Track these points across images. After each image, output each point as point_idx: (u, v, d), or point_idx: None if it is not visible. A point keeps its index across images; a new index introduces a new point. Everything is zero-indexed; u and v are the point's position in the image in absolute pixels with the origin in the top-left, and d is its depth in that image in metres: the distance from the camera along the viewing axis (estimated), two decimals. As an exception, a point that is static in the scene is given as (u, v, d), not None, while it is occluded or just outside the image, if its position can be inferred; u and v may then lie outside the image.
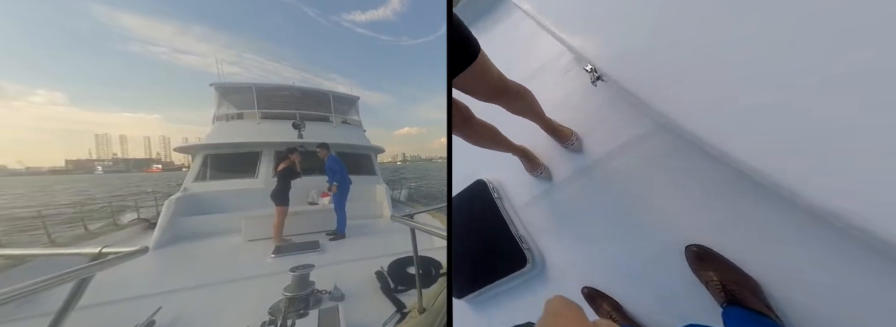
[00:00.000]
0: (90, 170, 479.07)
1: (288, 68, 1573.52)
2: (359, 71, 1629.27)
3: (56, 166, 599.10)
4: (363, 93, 47.70)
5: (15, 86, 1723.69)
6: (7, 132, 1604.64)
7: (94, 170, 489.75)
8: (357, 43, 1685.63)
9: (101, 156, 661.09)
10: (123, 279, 2.54)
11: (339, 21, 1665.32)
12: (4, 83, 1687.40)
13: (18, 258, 2.62)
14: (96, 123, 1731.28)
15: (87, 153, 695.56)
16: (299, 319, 1.89)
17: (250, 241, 3.84)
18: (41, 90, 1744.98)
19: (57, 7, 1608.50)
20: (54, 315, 0.90)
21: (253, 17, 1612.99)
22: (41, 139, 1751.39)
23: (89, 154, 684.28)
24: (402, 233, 1.89)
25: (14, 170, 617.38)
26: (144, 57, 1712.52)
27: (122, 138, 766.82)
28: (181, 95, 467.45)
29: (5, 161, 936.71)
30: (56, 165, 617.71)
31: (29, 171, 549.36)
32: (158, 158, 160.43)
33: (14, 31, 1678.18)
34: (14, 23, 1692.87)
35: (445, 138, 1.18)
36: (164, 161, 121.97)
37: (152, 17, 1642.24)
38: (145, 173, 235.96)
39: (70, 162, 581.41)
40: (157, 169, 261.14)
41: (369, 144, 7.06)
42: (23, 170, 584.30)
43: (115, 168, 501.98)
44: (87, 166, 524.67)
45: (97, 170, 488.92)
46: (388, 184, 6.57)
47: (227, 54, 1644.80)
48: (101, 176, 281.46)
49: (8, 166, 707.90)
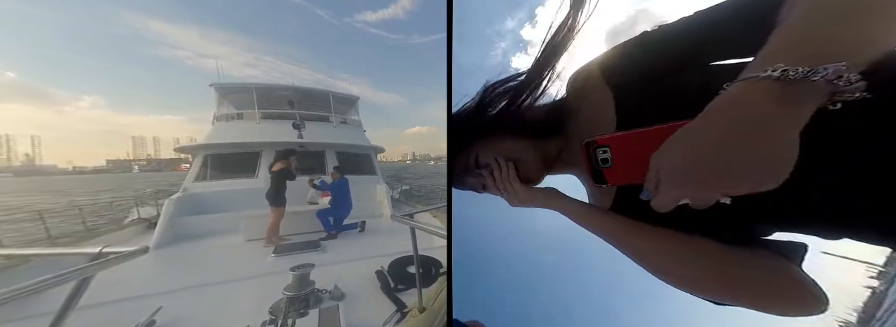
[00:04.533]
0: (128, 169, 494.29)
1: (302, 69, 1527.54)
2: (370, 70, 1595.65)
3: (98, 166, 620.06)
4: (375, 94, 47.31)
5: (63, 92, 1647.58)
6: (60, 134, 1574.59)
7: (132, 169, 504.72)
8: (368, 42, 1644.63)
9: (137, 157, 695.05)
10: (123, 279, 2.54)
11: (350, 22, 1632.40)
12: (55, 90, 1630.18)
13: (18, 258, 2.62)
14: (129, 125, 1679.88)
15: (125, 154, 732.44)
16: (299, 318, 1.89)
17: (250, 241, 3.84)
18: (85, 95, 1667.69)
19: (92, 15, 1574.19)
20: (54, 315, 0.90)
21: (269, 21, 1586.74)
22: (86, 140, 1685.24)
23: (127, 154, 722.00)
24: (403, 232, 1.88)
25: (63, 169, 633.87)
26: (171, 61, 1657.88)
27: (155, 140, 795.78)
28: (202, 97, 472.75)
29: (57, 160, 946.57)
30: (98, 165, 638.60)
31: (76, 170, 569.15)
32: (186, 158, 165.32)
33: (56, 38, 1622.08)
34: (53, 29, 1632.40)
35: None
36: (190, 160, 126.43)
37: (179, 22, 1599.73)
38: (176, 172, 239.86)
39: (110, 161, 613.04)
40: (185, 167, 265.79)
41: (369, 144, 7.06)
42: (71, 169, 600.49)
43: (149, 167, 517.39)
44: (124, 165, 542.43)
45: (134, 169, 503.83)
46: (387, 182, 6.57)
47: (245, 57, 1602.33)
48: (138, 174, 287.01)
49: (58, 165, 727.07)
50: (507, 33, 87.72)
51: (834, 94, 0.25)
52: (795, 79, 0.24)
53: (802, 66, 0.24)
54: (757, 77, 0.26)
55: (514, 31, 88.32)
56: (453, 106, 0.60)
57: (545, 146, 0.56)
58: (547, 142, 0.56)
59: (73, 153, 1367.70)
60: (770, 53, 0.27)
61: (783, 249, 0.41)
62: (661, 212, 0.33)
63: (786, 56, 0.25)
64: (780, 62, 0.25)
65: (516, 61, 2.14)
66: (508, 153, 0.56)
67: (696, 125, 0.30)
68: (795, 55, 0.25)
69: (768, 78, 0.25)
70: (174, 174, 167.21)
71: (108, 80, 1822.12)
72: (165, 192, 5.84)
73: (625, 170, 0.40)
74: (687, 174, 0.30)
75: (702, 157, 0.28)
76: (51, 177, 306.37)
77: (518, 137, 0.56)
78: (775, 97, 0.25)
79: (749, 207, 0.31)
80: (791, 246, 0.41)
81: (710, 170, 0.28)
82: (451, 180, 0.64)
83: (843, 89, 0.25)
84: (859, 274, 10.13)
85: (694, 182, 0.29)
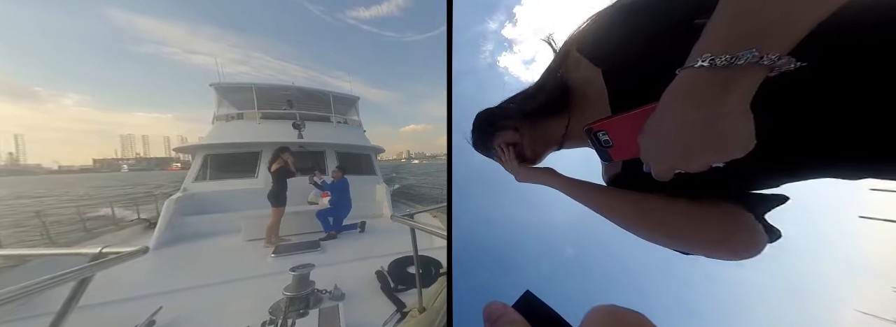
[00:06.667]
0: (117, 169, 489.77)
1: (294, 66, 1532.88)
2: (364, 68, 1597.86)
3: (85, 165, 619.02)
4: (369, 91, 46.81)
5: (45, 90, 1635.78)
6: (44, 134, 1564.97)
7: (121, 168, 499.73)
8: (362, 40, 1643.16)
9: (126, 156, 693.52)
10: (123, 279, 2.55)
11: (343, 18, 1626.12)
12: (38, 88, 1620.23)
13: (18, 258, 2.62)
14: (117, 124, 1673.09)
15: (114, 153, 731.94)
16: (299, 319, 1.89)
17: (250, 241, 3.84)
18: (70, 93, 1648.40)
19: (73, 11, 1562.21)
20: (54, 315, 0.90)
21: (259, 17, 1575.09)
22: (71, 139, 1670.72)
23: (115, 154, 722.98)
24: (403, 232, 1.89)
25: (49, 168, 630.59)
26: (158, 58, 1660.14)
27: (145, 138, 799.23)
28: (193, 95, 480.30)
29: (42, 160, 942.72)
30: (85, 164, 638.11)
31: (62, 170, 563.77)
32: (177, 157, 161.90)
33: (38, 35, 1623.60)
34: (36, 26, 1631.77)
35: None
36: (182, 160, 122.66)
37: (164, 18, 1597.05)
38: (168, 171, 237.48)
39: (97, 161, 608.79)
40: (177, 167, 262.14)
41: (369, 144, 7.07)
42: (57, 169, 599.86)
43: (138, 166, 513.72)
44: (113, 165, 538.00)
45: (123, 168, 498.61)
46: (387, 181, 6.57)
47: (235, 53, 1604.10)
48: (126, 174, 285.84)
49: (43, 165, 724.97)
50: (490, 34, 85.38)
51: (771, 69, 0.29)
52: (721, 67, 0.29)
53: (726, 54, 0.28)
54: (692, 67, 0.30)
55: (496, 31, 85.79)
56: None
57: (547, 125, 0.60)
58: (549, 122, 0.59)
59: (59, 152, 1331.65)
60: (701, 45, 0.31)
61: (750, 200, 0.46)
62: (663, 181, 0.39)
63: (713, 47, 0.29)
64: (707, 53, 0.29)
65: (503, 60, 2.09)
66: (513, 136, 0.65)
67: (658, 113, 0.35)
68: (721, 45, 0.29)
69: (701, 68, 0.30)
70: (163, 173, 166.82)
71: (94, 78, 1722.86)
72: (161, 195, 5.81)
73: (625, 148, 0.44)
74: (666, 153, 0.35)
75: (671, 140, 0.34)
76: (39, 176, 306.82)
77: (522, 120, 0.63)
78: (712, 83, 0.30)
79: (732, 168, 0.35)
80: (761, 197, 0.46)
81: (682, 150, 0.33)
82: (452, 180, 0.64)
83: (771, 66, 0.28)
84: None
85: (675, 158, 0.35)
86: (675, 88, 0.33)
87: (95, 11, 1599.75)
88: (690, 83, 0.31)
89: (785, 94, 0.35)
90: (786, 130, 0.37)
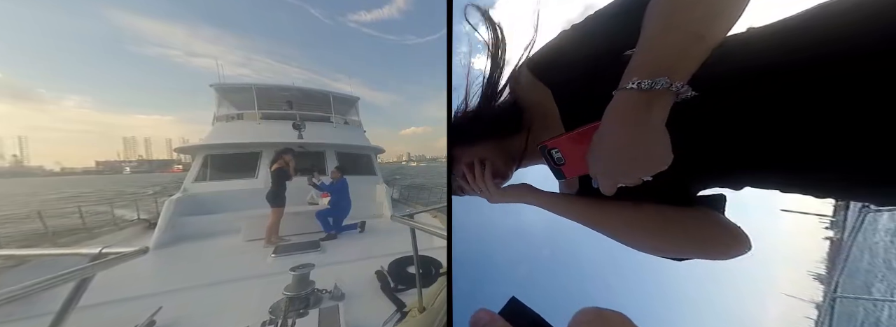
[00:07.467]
0: (119, 171, 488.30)
1: (295, 69, 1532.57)
2: (365, 71, 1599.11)
3: (87, 166, 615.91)
4: (369, 93, 46.74)
5: (49, 91, 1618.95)
6: (47, 134, 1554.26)
7: (123, 170, 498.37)
8: (363, 43, 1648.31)
9: (128, 158, 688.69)
10: (123, 279, 2.55)
11: (344, 21, 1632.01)
12: (41, 90, 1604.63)
13: (18, 258, 2.62)
14: (118, 126, 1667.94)
15: (116, 155, 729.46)
16: (299, 318, 1.89)
17: (250, 241, 3.84)
18: (73, 95, 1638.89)
19: (74, 12, 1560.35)
20: (54, 315, 0.90)
21: (260, 19, 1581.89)
22: (74, 140, 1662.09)
23: (117, 156, 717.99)
24: (402, 232, 1.89)
25: (51, 170, 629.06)
26: (159, 60, 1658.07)
27: (147, 140, 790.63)
28: (194, 96, 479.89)
29: (44, 162, 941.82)
30: (87, 166, 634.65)
31: (64, 171, 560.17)
32: (180, 159, 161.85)
33: (42, 38, 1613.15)
34: (39, 28, 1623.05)
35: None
36: (184, 162, 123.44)
37: (165, 20, 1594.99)
38: (170, 173, 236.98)
39: (100, 163, 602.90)
40: (178, 169, 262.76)
41: (369, 144, 7.07)
42: (59, 171, 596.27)
43: (140, 168, 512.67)
44: (115, 167, 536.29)
45: (125, 170, 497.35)
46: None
47: (236, 56, 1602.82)
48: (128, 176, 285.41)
49: (45, 166, 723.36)
50: (463, 36, 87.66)
51: (677, 95, 0.35)
52: (645, 90, 0.34)
53: (648, 79, 0.34)
54: (625, 88, 0.35)
55: (469, 33, 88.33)
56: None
57: (509, 143, 0.60)
58: (511, 140, 0.60)
59: (62, 154, 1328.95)
60: (630, 69, 0.36)
61: (708, 201, 0.50)
62: (608, 195, 0.43)
63: (640, 72, 0.35)
64: (635, 77, 0.35)
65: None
66: (478, 155, 0.60)
67: (601, 130, 0.39)
68: (644, 71, 0.35)
69: (630, 90, 0.35)
70: (165, 175, 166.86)
71: (96, 79, 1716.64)
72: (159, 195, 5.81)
73: (576, 165, 0.46)
74: (610, 168, 0.40)
75: (612, 156, 0.39)
76: (42, 178, 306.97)
77: (483, 139, 0.60)
78: (639, 102, 0.35)
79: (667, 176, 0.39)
80: (713, 198, 0.51)
81: (620, 165, 0.38)
82: (451, 180, 0.65)
83: (677, 92, 0.35)
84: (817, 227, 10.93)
85: (616, 173, 0.40)
86: (612, 107, 0.38)
87: (97, 12, 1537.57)
88: (624, 102, 0.36)
89: (687, 119, 0.40)
90: (690, 148, 0.42)
